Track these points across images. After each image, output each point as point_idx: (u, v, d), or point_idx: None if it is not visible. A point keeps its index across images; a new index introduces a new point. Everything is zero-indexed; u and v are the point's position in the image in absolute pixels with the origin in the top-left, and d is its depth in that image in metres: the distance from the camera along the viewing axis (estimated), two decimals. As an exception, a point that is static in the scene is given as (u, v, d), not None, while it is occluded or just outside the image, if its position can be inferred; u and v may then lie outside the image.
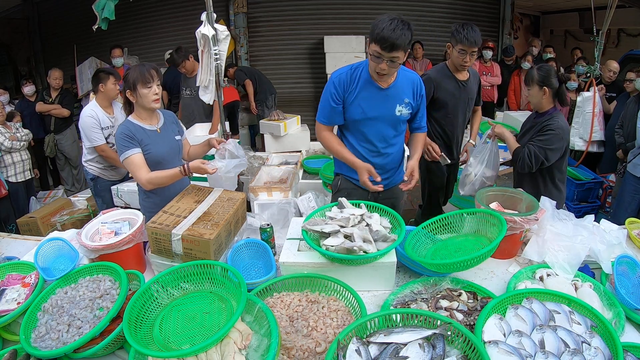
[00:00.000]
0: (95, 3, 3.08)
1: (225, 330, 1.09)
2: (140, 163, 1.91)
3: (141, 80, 1.88)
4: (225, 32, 2.71)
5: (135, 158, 1.90)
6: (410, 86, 1.94)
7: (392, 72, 1.82)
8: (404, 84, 1.93)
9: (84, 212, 3.54)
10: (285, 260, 1.53)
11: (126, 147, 1.90)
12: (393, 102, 1.92)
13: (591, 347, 1.11)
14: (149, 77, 1.89)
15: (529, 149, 2.14)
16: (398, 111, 1.93)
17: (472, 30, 2.38)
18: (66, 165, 4.82)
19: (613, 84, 4.39)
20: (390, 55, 1.69)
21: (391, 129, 1.99)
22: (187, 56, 3.91)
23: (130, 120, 1.98)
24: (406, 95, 1.93)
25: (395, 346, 1.06)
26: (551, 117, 2.18)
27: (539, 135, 2.16)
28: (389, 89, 1.90)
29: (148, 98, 1.92)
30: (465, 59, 2.45)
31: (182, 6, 6.25)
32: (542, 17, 8.52)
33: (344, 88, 1.90)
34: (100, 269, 1.52)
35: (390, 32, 1.64)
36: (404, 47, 1.69)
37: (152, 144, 1.97)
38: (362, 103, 1.90)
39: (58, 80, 4.48)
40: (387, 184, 2.05)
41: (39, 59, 6.96)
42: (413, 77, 1.96)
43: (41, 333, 1.29)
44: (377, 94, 1.90)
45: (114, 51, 4.94)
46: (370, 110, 1.92)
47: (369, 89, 1.89)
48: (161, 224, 1.64)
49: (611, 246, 1.59)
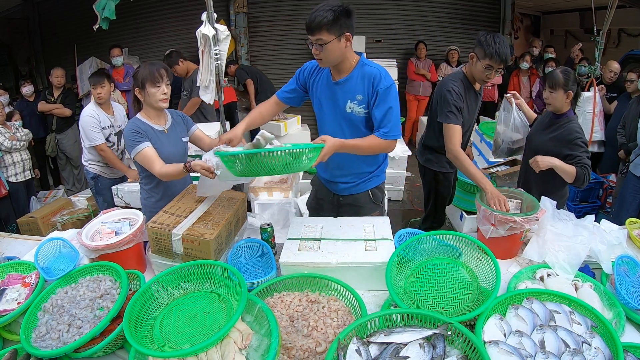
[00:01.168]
0: (95, 3, 3.08)
1: (225, 330, 1.09)
2: (153, 156, 1.89)
3: (150, 79, 1.89)
4: (225, 32, 2.71)
5: (147, 151, 1.88)
6: (366, 82, 1.75)
7: (324, 58, 1.68)
8: (359, 79, 1.76)
9: (85, 212, 3.55)
10: (285, 260, 1.53)
11: (136, 141, 1.89)
12: (343, 97, 1.80)
13: (591, 347, 1.11)
14: (158, 77, 1.89)
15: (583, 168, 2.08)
16: (349, 107, 1.79)
17: (504, 46, 2.10)
18: (67, 165, 4.82)
19: (614, 85, 4.39)
20: (314, 38, 1.64)
21: (346, 126, 1.84)
22: (177, 61, 3.92)
23: (139, 118, 1.99)
24: (359, 91, 1.76)
25: (396, 346, 1.06)
26: (569, 121, 2.19)
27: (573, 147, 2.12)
28: (338, 83, 1.79)
29: (156, 97, 1.92)
30: (490, 75, 2.19)
31: (182, 6, 6.25)
32: (543, 17, 8.51)
33: (310, 73, 1.91)
34: (100, 268, 1.52)
35: (313, 13, 1.61)
36: (324, 29, 1.60)
37: (159, 144, 1.97)
38: (319, 95, 1.88)
39: (60, 79, 4.49)
40: (347, 188, 1.99)
41: (39, 59, 6.97)
42: (372, 72, 1.74)
43: (41, 333, 1.29)
44: (329, 88, 1.83)
45: (112, 51, 4.94)
46: (323, 102, 1.87)
47: (324, 81, 1.85)
48: (161, 223, 1.64)
49: (611, 246, 1.59)
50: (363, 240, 1.62)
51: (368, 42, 6.12)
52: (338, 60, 1.73)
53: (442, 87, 2.33)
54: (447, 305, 1.33)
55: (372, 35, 6.44)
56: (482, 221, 1.75)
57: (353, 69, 1.77)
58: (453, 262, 1.49)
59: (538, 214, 1.70)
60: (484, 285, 1.37)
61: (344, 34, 1.64)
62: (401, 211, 4.27)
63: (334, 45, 1.64)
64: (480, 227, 1.77)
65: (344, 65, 1.76)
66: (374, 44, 6.49)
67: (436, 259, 1.51)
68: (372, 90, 1.74)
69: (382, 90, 1.72)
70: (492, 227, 1.70)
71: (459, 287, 1.39)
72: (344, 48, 1.68)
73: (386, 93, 1.72)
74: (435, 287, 1.40)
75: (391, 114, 1.74)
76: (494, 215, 1.69)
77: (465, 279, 1.43)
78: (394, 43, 6.55)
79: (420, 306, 1.33)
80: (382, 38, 6.57)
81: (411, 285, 1.42)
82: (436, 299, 1.36)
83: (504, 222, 1.67)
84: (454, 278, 1.43)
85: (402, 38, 6.46)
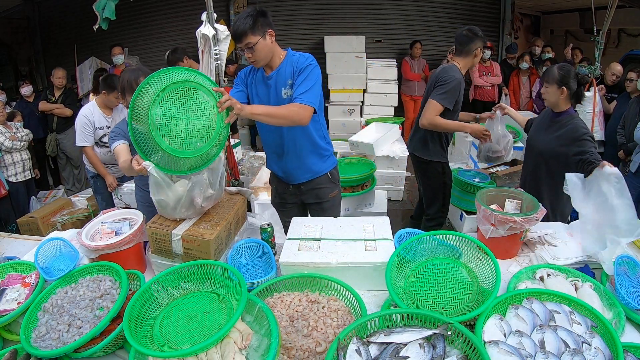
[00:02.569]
0: (95, 3, 3.08)
1: (225, 330, 1.09)
2: (121, 152, 2.01)
3: (129, 89, 1.98)
4: (225, 32, 2.70)
5: (118, 149, 2.02)
6: (293, 66, 1.93)
7: (258, 58, 1.87)
8: (288, 66, 1.93)
9: (84, 212, 3.55)
10: (285, 260, 1.53)
11: (115, 139, 2.04)
12: (278, 87, 1.95)
13: (591, 347, 1.11)
14: (136, 86, 1.91)
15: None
16: (284, 94, 1.94)
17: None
18: (67, 164, 4.83)
19: (615, 85, 4.39)
20: (243, 44, 1.83)
21: None
22: (181, 58, 3.91)
23: (125, 120, 2.08)
24: (289, 77, 1.93)
25: (396, 346, 1.05)
26: (573, 118, 2.16)
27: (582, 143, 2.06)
28: (270, 77, 1.95)
29: None
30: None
31: (182, 6, 6.26)
32: (543, 17, 8.52)
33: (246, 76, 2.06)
34: (100, 268, 1.52)
35: (234, 24, 1.83)
36: (249, 33, 1.80)
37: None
38: (258, 92, 2.01)
39: (61, 80, 4.50)
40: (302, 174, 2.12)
41: (39, 58, 6.97)
42: (296, 59, 1.93)
43: (41, 333, 1.29)
44: (264, 84, 1.98)
45: (114, 50, 4.99)
46: (263, 99, 2.00)
47: (259, 79, 2.00)
48: (161, 224, 1.64)
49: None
50: (363, 240, 1.62)
51: (368, 42, 6.13)
52: (269, 57, 1.91)
53: (449, 72, 2.54)
54: (447, 305, 1.33)
55: (371, 35, 6.44)
56: (482, 221, 1.75)
57: (282, 60, 1.94)
58: (453, 262, 1.48)
59: (538, 214, 1.70)
60: (484, 286, 1.37)
61: (266, 32, 1.84)
62: (401, 211, 4.27)
63: (262, 44, 1.84)
64: (480, 227, 1.77)
65: (274, 61, 1.93)
66: (374, 44, 6.49)
67: (436, 259, 1.51)
68: (296, 71, 1.91)
69: (302, 67, 1.89)
70: (492, 227, 1.70)
71: (459, 287, 1.39)
72: (270, 44, 1.87)
73: (305, 69, 1.89)
74: (435, 287, 1.40)
75: (307, 83, 1.87)
76: (494, 215, 1.69)
77: (465, 279, 1.42)
78: (393, 43, 6.56)
79: (420, 306, 1.32)
80: (382, 38, 6.57)
81: (411, 286, 1.42)
82: (436, 299, 1.35)
83: (503, 222, 1.67)
84: (454, 278, 1.42)
85: (402, 38, 6.46)
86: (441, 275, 1.44)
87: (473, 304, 1.31)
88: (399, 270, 1.46)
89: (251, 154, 4.07)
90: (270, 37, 1.86)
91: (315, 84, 1.88)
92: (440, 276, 1.44)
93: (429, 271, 1.47)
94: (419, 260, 1.51)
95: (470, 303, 1.32)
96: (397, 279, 1.42)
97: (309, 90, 1.85)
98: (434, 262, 1.49)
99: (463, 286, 1.39)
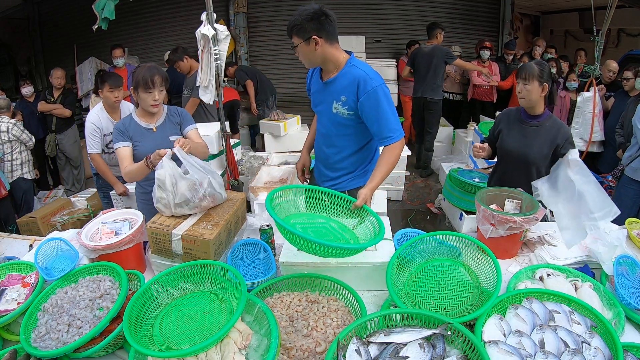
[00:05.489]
0: (95, 3, 3.08)
1: (225, 330, 1.09)
2: (124, 156, 1.99)
3: (142, 84, 1.95)
4: (225, 32, 2.70)
5: (121, 151, 1.99)
6: (351, 84, 1.77)
7: (301, 59, 1.80)
8: (345, 80, 1.79)
9: (84, 212, 3.54)
10: (285, 260, 1.53)
11: (117, 139, 2.02)
12: (330, 98, 1.85)
13: (591, 347, 1.11)
14: (151, 84, 1.94)
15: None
16: (334, 108, 1.84)
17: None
18: (67, 165, 4.82)
19: (612, 84, 4.39)
20: (291, 40, 1.76)
21: (332, 127, 1.90)
22: (182, 57, 3.89)
23: (131, 116, 2.09)
24: (344, 92, 1.79)
25: (395, 346, 1.06)
26: (551, 117, 2.10)
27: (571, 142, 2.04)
28: (327, 83, 1.85)
29: (146, 102, 1.99)
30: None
31: (182, 6, 6.25)
32: (542, 17, 8.50)
33: (310, 75, 2.01)
34: (100, 269, 1.52)
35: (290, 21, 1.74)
36: (293, 33, 1.73)
37: (141, 142, 2.05)
38: (314, 93, 1.97)
39: (60, 80, 4.48)
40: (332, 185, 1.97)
41: (39, 59, 6.96)
42: (358, 74, 1.75)
43: (41, 333, 1.29)
44: (319, 87, 1.92)
45: (114, 51, 4.80)
46: (314, 101, 1.97)
47: (317, 80, 1.94)
48: (161, 224, 1.64)
49: (611, 246, 1.59)
50: (363, 240, 1.61)
51: (368, 42, 6.12)
52: (316, 62, 1.81)
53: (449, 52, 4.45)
54: (448, 306, 1.33)
55: (371, 35, 6.43)
56: (482, 221, 1.75)
57: (340, 70, 1.81)
58: (453, 262, 1.49)
59: (538, 214, 1.70)
60: (484, 286, 1.37)
61: (311, 38, 1.69)
62: (401, 211, 4.27)
63: (303, 48, 1.73)
64: (480, 227, 1.77)
65: (328, 66, 1.82)
66: (374, 44, 6.49)
67: (436, 260, 1.51)
68: (356, 95, 1.76)
69: (367, 95, 1.72)
70: (492, 227, 1.70)
71: (460, 287, 1.39)
72: (314, 51, 1.72)
73: (371, 97, 1.72)
74: (437, 288, 1.40)
75: (383, 117, 1.74)
76: (493, 215, 1.69)
77: (466, 279, 1.43)
78: (393, 43, 6.55)
79: (422, 308, 1.32)
80: (382, 38, 6.57)
81: (412, 287, 1.42)
82: (437, 300, 1.36)
83: (503, 222, 1.67)
84: (454, 279, 1.43)
85: (402, 38, 6.45)
86: (442, 276, 1.45)
87: (474, 304, 1.31)
88: (399, 272, 1.46)
89: (251, 154, 4.06)
90: (315, 45, 1.70)
91: (389, 105, 1.75)
92: (441, 277, 1.44)
93: (430, 272, 1.47)
94: (420, 261, 1.51)
95: (471, 304, 1.32)
96: (398, 280, 1.42)
97: (392, 126, 1.74)
98: (435, 263, 1.50)
99: (464, 287, 1.39)
